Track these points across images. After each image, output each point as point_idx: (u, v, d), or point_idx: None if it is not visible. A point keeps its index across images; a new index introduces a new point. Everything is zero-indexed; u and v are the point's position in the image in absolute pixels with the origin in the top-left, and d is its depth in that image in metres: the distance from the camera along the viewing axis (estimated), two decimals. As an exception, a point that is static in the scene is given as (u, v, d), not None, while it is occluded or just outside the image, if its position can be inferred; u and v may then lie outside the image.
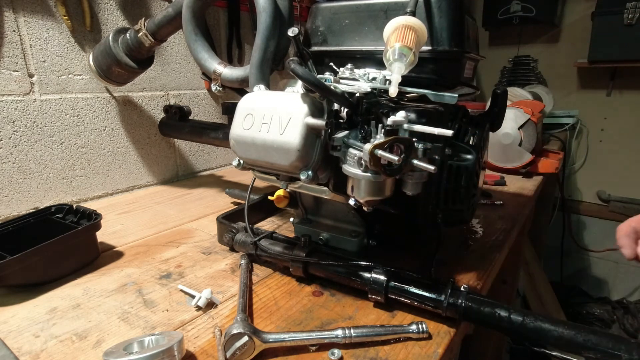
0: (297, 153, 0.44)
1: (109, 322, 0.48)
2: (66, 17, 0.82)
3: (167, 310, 0.50)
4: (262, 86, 0.55)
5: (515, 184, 1.04)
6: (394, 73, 0.42)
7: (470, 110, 0.52)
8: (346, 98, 0.45)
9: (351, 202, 0.47)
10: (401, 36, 0.43)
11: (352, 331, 0.42)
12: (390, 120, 0.42)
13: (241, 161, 0.51)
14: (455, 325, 0.46)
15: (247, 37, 1.26)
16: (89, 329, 0.46)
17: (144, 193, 1.01)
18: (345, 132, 0.45)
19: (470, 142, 0.50)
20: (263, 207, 0.79)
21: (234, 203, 0.91)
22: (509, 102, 0.95)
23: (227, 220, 0.67)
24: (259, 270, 0.60)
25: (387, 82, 0.49)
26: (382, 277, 0.48)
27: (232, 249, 0.65)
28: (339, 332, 0.42)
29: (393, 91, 0.41)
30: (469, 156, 0.48)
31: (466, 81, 0.57)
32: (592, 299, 2.12)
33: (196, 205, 0.90)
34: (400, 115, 0.42)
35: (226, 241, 0.65)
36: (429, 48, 0.50)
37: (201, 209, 0.87)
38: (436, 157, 0.46)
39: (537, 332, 0.40)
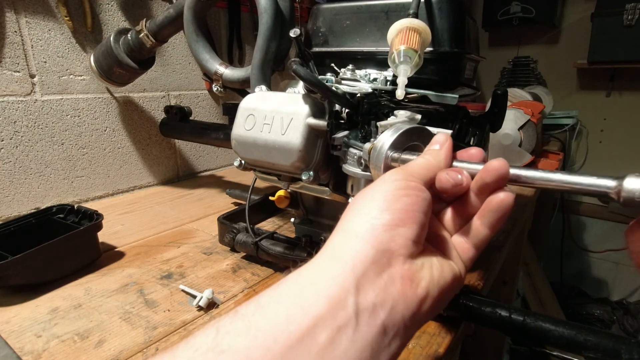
0: (298, 153, 0.44)
1: (110, 322, 0.48)
2: (67, 18, 0.82)
3: (169, 310, 0.50)
4: (263, 87, 0.55)
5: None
6: (401, 76, 0.42)
7: (470, 111, 0.52)
8: (347, 99, 0.45)
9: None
10: (405, 38, 0.43)
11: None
12: (379, 124, 0.42)
13: (242, 161, 0.51)
14: (456, 325, 0.46)
15: (247, 38, 1.27)
16: (90, 329, 0.47)
17: (145, 193, 1.01)
18: (346, 132, 0.45)
19: (471, 143, 0.50)
20: (264, 208, 0.79)
21: (235, 203, 0.91)
22: (508, 103, 0.95)
23: (227, 220, 0.67)
24: (260, 271, 0.60)
25: (388, 83, 0.49)
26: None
27: (233, 249, 0.65)
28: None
29: (400, 94, 0.41)
30: (469, 157, 0.49)
31: (466, 82, 0.58)
32: (591, 300, 2.12)
33: (197, 206, 0.90)
34: (391, 120, 0.43)
35: (227, 241, 0.65)
36: (430, 49, 0.51)
37: (202, 210, 0.88)
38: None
39: (537, 332, 0.40)
